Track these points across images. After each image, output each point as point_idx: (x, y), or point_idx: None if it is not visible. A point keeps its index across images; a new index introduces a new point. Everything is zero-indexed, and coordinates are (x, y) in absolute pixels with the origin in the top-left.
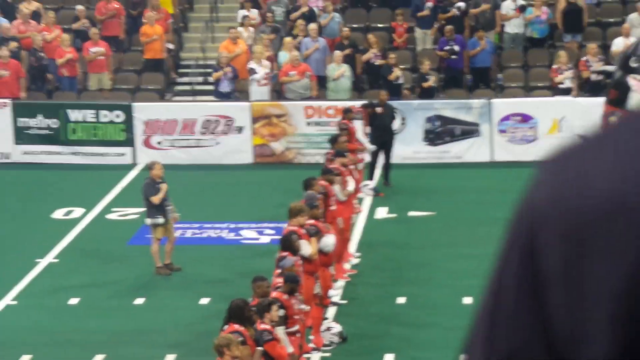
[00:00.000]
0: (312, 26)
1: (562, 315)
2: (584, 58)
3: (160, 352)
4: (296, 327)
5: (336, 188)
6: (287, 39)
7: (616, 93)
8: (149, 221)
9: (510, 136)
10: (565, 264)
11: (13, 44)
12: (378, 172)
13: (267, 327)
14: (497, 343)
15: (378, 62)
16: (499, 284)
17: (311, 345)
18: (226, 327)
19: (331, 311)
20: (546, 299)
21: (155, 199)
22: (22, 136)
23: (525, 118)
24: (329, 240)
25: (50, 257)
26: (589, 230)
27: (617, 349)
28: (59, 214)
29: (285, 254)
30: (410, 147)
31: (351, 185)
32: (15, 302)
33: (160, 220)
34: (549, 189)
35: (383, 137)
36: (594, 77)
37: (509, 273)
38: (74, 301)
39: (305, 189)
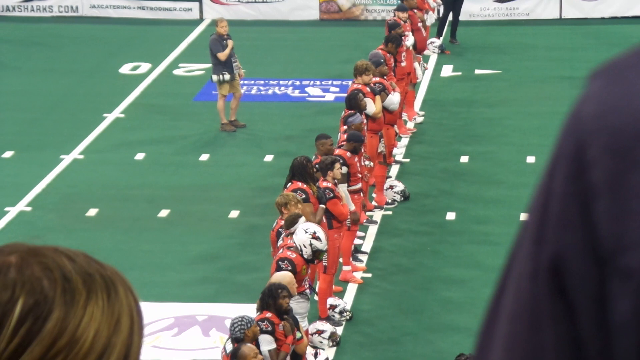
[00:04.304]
0: None
1: (607, 224)
2: None
3: (224, 208)
4: (359, 185)
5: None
6: None
7: None
8: (215, 77)
9: None
10: (612, 176)
11: None
12: (445, 29)
13: (329, 185)
14: (544, 245)
15: None
16: (548, 193)
17: (374, 203)
18: (289, 184)
19: (394, 169)
20: (592, 208)
21: (222, 55)
22: None
23: None
24: (394, 99)
25: (117, 112)
26: (635, 144)
27: None
28: (126, 68)
29: (351, 111)
30: (477, 3)
31: (410, 40)
32: (82, 157)
33: (227, 76)
34: (597, 103)
35: None
36: None
37: (557, 184)
38: (140, 156)
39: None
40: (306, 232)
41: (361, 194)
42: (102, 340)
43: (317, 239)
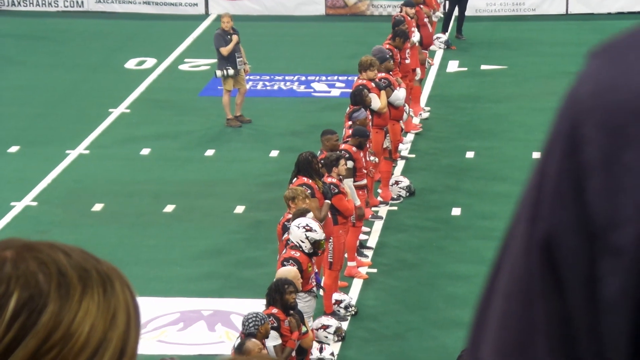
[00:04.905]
0: None
1: (599, 201)
2: None
3: (230, 204)
4: (364, 182)
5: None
6: None
7: None
8: (218, 73)
9: None
10: (605, 154)
11: None
12: (451, 24)
13: (334, 181)
14: (537, 222)
15: None
16: (543, 171)
17: (379, 198)
18: (295, 179)
19: (400, 165)
20: (585, 186)
21: (224, 50)
22: None
23: None
24: (400, 94)
25: (122, 107)
26: (629, 122)
27: None
28: (131, 64)
29: (356, 107)
30: None
31: (416, 36)
32: (87, 152)
33: (230, 71)
34: (593, 81)
35: None
36: None
37: (552, 162)
38: (145, 151)
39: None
40: (299, 228)
41: (365, 190)
42: (97, 334)
43: (311, 230)
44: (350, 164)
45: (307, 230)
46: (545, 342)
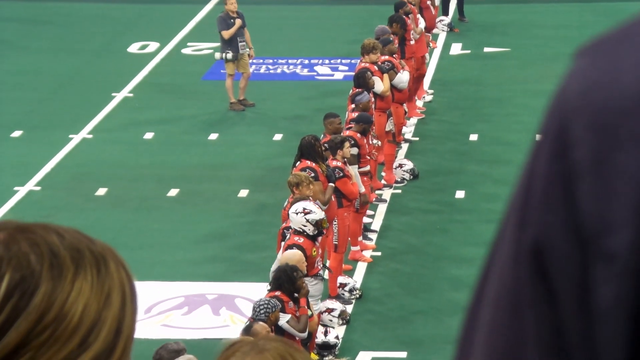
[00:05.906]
0: None
1: (590, 205)
2: None
3: (233, 187)
4: (367, 168)
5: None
6: None
7: None
8: (217, 55)
9: None
10: (596, 156)
11: None
12: (453, 7)
13: (339, 164)
14: (526, 227)
15: None
16: (532, 174)
17: (383, 181)
18: (298, 163)
19: (403, 148)
20: (575, 189)
21: (226, 34)
22: None
23: None
24: (403, 77)
25: (125, 92)
26: (619, 122)
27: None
28: (134, 48)
29: (359, 90)
30: None
31: (422, 23)
32: (90, 136)
33: (229, 55)
34: (581, 81)
35: None
36: None
37: (541, 164)
38: (148, 136)
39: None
40: (297, 214)
41: (369, 176)
42: (91, 314)
43: (310, 212)
44: (354, 150)
45: (305, 214)
46: (536, 353)
